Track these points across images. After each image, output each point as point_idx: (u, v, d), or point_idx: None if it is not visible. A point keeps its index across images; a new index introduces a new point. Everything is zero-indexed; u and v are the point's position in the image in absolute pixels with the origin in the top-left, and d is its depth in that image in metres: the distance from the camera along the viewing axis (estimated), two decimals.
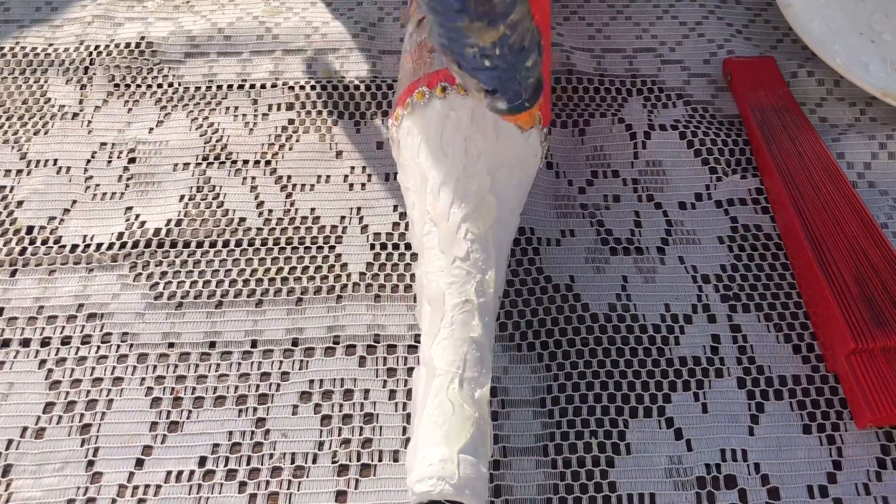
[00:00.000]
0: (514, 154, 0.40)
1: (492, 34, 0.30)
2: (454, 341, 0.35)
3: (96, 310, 0.44)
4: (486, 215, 0.38)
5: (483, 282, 0.36)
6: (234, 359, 0.42)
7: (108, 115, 0.52)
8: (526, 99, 0.34)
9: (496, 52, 0.31)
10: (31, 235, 0.47)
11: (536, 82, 0.34)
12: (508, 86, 0.33)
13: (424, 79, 0.41)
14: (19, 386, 0.42)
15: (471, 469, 0.32)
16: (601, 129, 0.51)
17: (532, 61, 0.33)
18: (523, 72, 0.33)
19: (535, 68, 0.33)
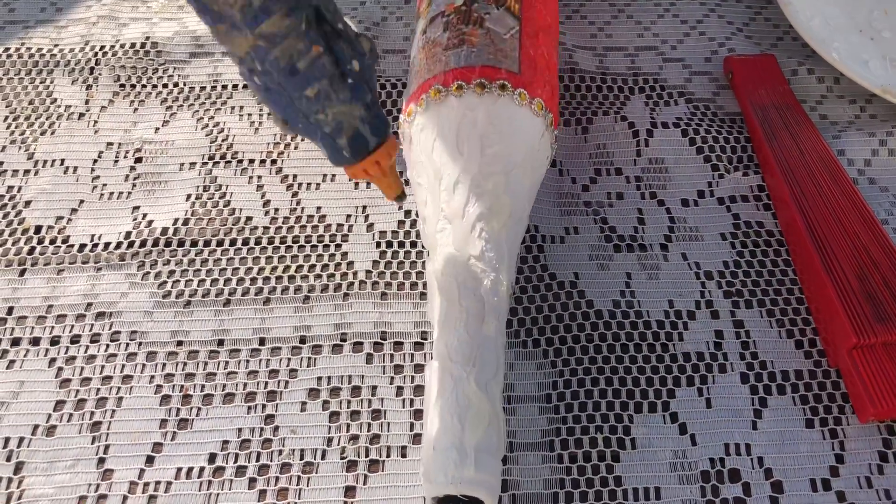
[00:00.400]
0: (527, 155, 0.40)
1: (241, 42, 0.27)
2: (470, 339, 0.35)
3: (105, 308, 0.44)
4: (501, 215, 0.38)
5: (497, 280, 0.37)
6: (243, 356, 0.43)
7: (114, 115, 0.53)
8: (342, 147, 0.30)
9: (258, 66, 0.28)
10: (40, 235, 0.47)
11: (357, 128, 0.30)
12: (291, 115, 0.29)
13: (441, 76, 0.41)
14: (30, 384, 0.42)
15: (486, 464, 0.33)
16: (604, 127, 0.52)
17: (314, 91, 0.28)
18: (304, 101, 0.29)
19: (326, 103, 0.29)
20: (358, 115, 0.30)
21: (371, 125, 0.31)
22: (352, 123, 0.30)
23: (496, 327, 0.36)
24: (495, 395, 0.34)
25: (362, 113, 0.30)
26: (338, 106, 0.29)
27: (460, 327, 0.35)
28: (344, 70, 0.29)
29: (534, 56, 0.42)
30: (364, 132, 0.31)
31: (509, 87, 0.40)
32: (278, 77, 0.28)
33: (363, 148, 0.31)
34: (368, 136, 0.31)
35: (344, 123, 0.30)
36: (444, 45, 0.42)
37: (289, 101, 0.29)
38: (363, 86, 0.30)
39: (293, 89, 0.29)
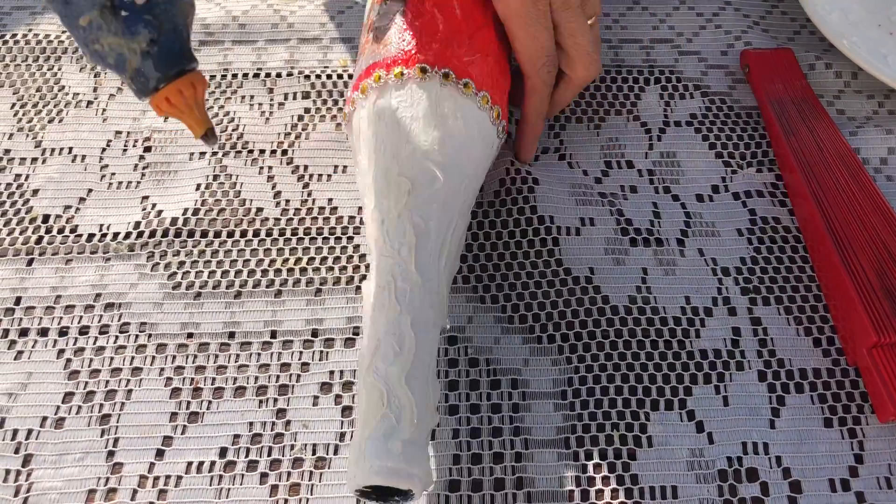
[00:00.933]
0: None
1: None
2: (373, 326, 0.35)
3: (114, 299, 0.44)
4: (399, 196, 0.38)
5: (400, 263, 0.36)
6: (254, 349, 0.42)
7: (123, 103, 0.52)
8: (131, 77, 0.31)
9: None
10: (47, 224, 0.46)
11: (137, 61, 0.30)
12: (81, 47, 0.30)
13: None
14: (38, 375, 0.41)
15: (378, 451, 0.32)
16: (616, 122, 0.51)
17: (87, 20, 0.29)
18: (79, 31, 0.29)
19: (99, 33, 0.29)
20: (138, 49, 0.30)
21: (154, 60, 0.31)
22: (133, 58, 0.30)
23: (402, 308, 0.35)
24: (392, 375, 0.34)
25: (143, 48, 0.30)
26: (111, 37, 0.30)
27: (366, 317, 0.36)
28: (116, 3, 0.29)
29: (420, 26, 0.42)
30: (145, 68, 0.31)
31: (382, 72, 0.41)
32: (56, 4, 0.29)
33: (150, 82, 0.31)
34: (150, 72, 0.31)
35: (125, 57, 0.30)
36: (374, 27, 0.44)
37: (68, 25, 0.30)
38: (141, 20, 0.30)
39: (69, 16, 0.29)
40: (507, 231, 0.46)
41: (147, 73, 0.31)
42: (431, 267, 0.37)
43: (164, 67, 0.31)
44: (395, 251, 0.37)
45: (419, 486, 0.33)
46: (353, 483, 0.33)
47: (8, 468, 0.39)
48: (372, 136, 0.40)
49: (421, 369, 0.35)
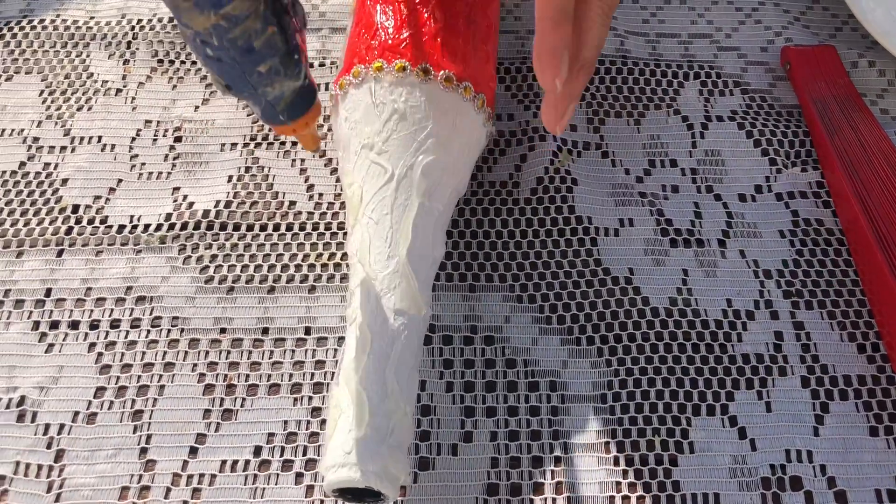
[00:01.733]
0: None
1: (202, 20, 0.28)
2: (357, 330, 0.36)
3: (145, 293, 0.43)
4: (353, 204, 0.39)
5: (362, 263, 0.37)
6: (288, 346, 0.41)
7: (153, 91, 0.51)
8: (280, 111, 0.33)
9: (214, 41, 0.29)
10: (77, 214, 0.46)
11: (294, 97, 0.32)
12: (240, 85, 0.31)
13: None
14: (69, 369, 0.41)
15: (333, 452, 0.32)
16: (657, 118, 0.50)
17: (267, 67, 0.30)
18: (255, 76, 0.30)
19: (275, 78, 0.31)
20: (298, 85, 0.32)
21: (306, 94, 0.33)
22: (291, 93, 0.32)
23: (362, 311, 0.35)
24: (345, 377, 0.34)
25: (301, 83, 0.33)
26: (284, 81, 0.31)
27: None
28: (290, 46, 0.31)
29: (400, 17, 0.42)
30: (299, 100, 0.33)
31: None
32: (234, 53, 0.29)
33: (298, 112, 0.34)
34: (303, 104, 0.34)
35: (286, 93, 0.32)
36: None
37: (240, 73, 0.30)
38: (302, 58, 0.32)
39: (247, 65, 0.30)
40: (543, 230, 0.45)
41: (301, 104, 0.33)
42: (381, 260, 0.37)
43: (310, 101, 0.34)
44: (352, 251, 0.38)
45: (378, 483, 0.32)
46: (325, 487, 0.33)
47: (41, 463, 0.38)
48: (345, 133, 0.41)
49: (376, 363, 0.34)
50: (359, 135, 0.40)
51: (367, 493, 0.33)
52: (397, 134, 0.39)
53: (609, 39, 0.53)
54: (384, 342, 0.35)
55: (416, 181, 0.38)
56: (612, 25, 0.54)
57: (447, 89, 0.40)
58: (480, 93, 0.42)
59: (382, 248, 0.37)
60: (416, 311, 0.36)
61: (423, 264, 0.38)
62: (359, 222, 0.38)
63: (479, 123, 0.42)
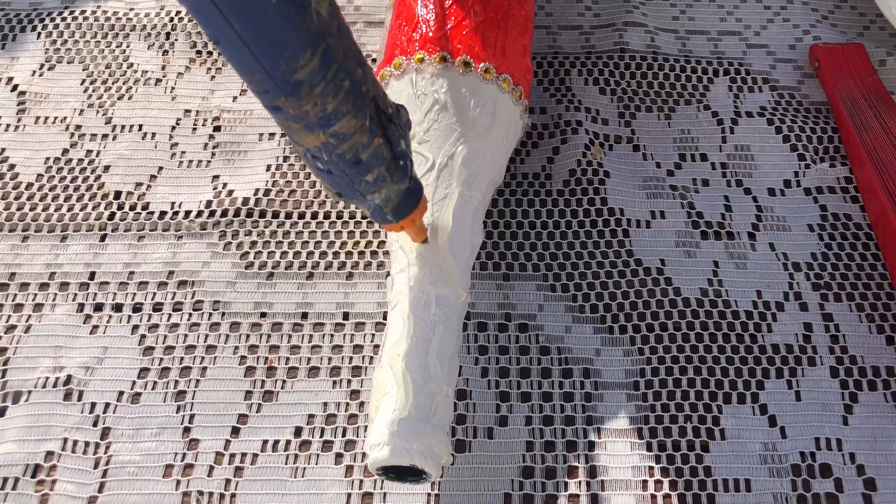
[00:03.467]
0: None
1: (312, 138, 0.28)
2: (394, 314, 0.37)
3: (187, 277, 0.44)
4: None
5: (404, 249, 0.38)
6: (327, 330, 0.42)
7: (191, 81, 0.52)
8: (388, 212, 0.34)
9: (324, 156, 0.30)
10: (119, 200, 0.47)
11: (401, 198, 0.33)
12: (349, 193, 0.32)
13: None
14: (113, 350, 0.42)
15: (377, 431, 0.33)
16: (687, 113, 0.51)
17: (374, 176, 0.31)
18: (363, 185, 0.31)
19: (382, 185, 0.32)
20: (404, 188, 0.33)
21: (412, 194, 0.34)
22: (398, 195, 0.33)
23: (405, 300, 0.37)
24: (389, 361, 0.35)
25: (407, 186, 0.33)
26: (391, 185, 0.32)
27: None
28: (396, 153, 0.31)
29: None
30: (406, 200, 0.34)
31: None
32: (342, 166, 0.30)
33: (405, 212, 0.34)
34: (410, 203, 0.34)
35: (392, 196, 0.33)
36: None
37: (349, 183, 0.31)
38: (408, 162, 0.33)
39: (355, 176, 0.31)
40: (576, 221, 0.46)
41: (403, 206, 0.34)
42: (429, 245, 0.38)
43: (418, 198, 0.34)
44: (392, 238, 0.39)
45: (422, 461, 0.33)
46: (369, 465, 0.34)
47: (87, 440, 0.39)
48: None
49: (419, 346, 0.35)
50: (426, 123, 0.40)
51: (409, 472, 0.34)
52: (438, 124, 0.40)
53: (640, 35, 0.54)
54: (426, 326, 0.36)
55: (456, 170, 0.39)
56: (643, 22, 0.54)
57: (487, 81, 0.41)
58: (518, 85, 0.42)
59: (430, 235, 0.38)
60: (457, 296, 0.37)
61: (463, 251, 0.39)
62: None
63: (517, 115, 0.43)
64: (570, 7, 0.56)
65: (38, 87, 0.52)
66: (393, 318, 0.37)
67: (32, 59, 0.53)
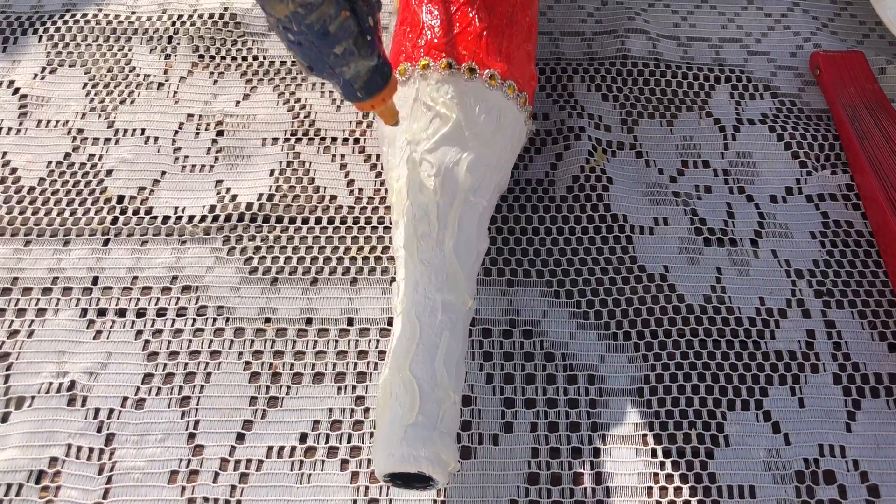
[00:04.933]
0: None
1: (281, 7, 0.30)
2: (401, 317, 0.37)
3: (191, 282, 0.44)
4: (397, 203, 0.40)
5: (410, 254, 0.38)
6: (332, 336, 0.42)
7: (194, 86, 0.52)
8: (357, 89, 0.35)
9: (293, 27, 0.31)
10: (122, 205, 0.47)
11: (370, 74, 0.35)
12: (320, 66, 0.33)
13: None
14: (117, 356, 0.42)
15: (384, 439, 0.34)
16: (690, 119, 0.51)
17: (342, 48, 0.33)
18: (332, 57, 0.33)
19: (350, 58, 0.33)
20: (372, 64, 0.34)
21: (381, 72, 0.35)
22: (367, 71, 0.34)
23: (405, 300, 0.37)
24: (398, 366, 0.35)
25: (376, 62, 0.34)
26: (359, 60, 0.33)
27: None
28: (363, 28, 0.33)
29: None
30: (376, 77, 0.35)
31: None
32: (311, 37, 0.32)
33: (375, 89, 0.35)
34: (379, 81, 0.35)
35: (361, 71, 0.34)
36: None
37: (318, 55, 0.33)
38: (375, 39, 0.34)
39: (323, 48, 0.32)
40: (580, 227, 0.46)
41: (378, 81, 0.35)
42: (436, 252, 0.38)
43: (387, 76, 0.35)
44: (399, 244, 0.39)
45: (429, 468, 0.33)
46: (377, 472, 0.34)
47: (91, 446, 0.39)
48: (391, 129, 0.41)
49: (425, 352, 0.35)
50: (405, 131, 0.41)
51: (416, 479, 0.34)
52: (443, 131, 0.40)
53: (642, 42, 0.54)
54: (433, 332, 0.36)
55: (462, 177, 0.39)
56: (645, 29, 0.55)
57: (492, 87, 0.41)
58: (523, 91, 0.43)
59: (430, 242, 0.38)
60: (463, 302, 0.37)
61: (469, 257, 0.39)
62: (405, 215, 0.39)
63: (521, 121, 0.43)
64: (573, 13, 0.56)
65: (39, 91, 0.51)
66: (399, 323, 0.37)
67: (34, 61, 0.53)
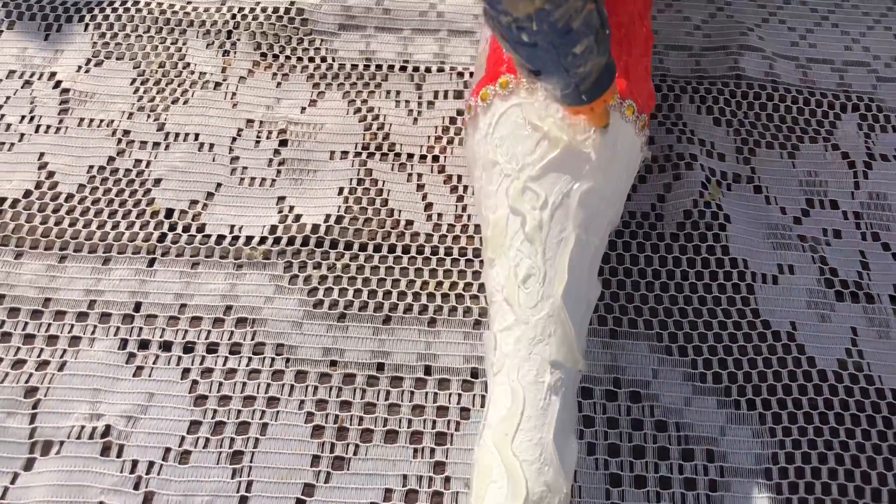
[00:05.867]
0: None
1: (525, 5, 0.27)
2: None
3: (247, 314, 0.38)
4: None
5: (510, 302, 0.33)
6: (406, 386, 0.37)
7: (255, 87, 0.46)
8: (583, 91, 0.31)
9: (533, 26, 0.27)
10: (171, 220, 0.41)
11: (599, 74, 0.31)
12: (551, 69, 0.29)
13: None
14: (160, 398, 0.36)
15: None
16: (813, 152, 0.45)
17: (583, 47, 0.28)
18: (570, 57, 0.29)
19: (589, 57, 0.29)
20: (604, 62, 0.30)
21: (609, 70, 0.31)
22: (598, 70, 0.30)
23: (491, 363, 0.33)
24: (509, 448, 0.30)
25: (608, 59, 0.30)
26: (596, 58, 0.30)
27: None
28: (603, 20, 0.29)
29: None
30: (604, 77, 0.31)
31: None
32: (552, 36, 0.28)
33: (599, 91, 0.31)
34: (606, 80, 0.31)
35: (592, 71, 0.30)
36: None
37: (554, 56, 0.29)
38: (607, 38, 0.30)
39: (563, 47, 0.28)
40: (693, 271, 0.40)
41: (599, 85, 0.31)
42: (542, 300, 0.33)
43: (611, 77, 0.32)
44: (495, 287, 0.34)
45: None
46: None
47: None
48: (486, 151, 0.36)
49: (532, 426, 0.30)
50: (506, 154, 0.35)
51: None
52: (552, 155, 0.34)
53: (756, 62, 0.48)
54: (539, 400, 0.31)
55: (573, 211, 0.34)
56: (759, 47, 0.48)
57: (610, 107, 0.35)
58: (642, 113, 0.37)
59: (535, 287, 0.32)
60: (573, 363, 0.32)
61: (579, 308, 0.33)
62: (505, 254, 0.33)
63: (638, 147, 0.37)
64: (678, 26, 0.50)
65: (83, 86, 0.46)
66: (497, 386, 0.31)
67: (79, 52, 0.47)
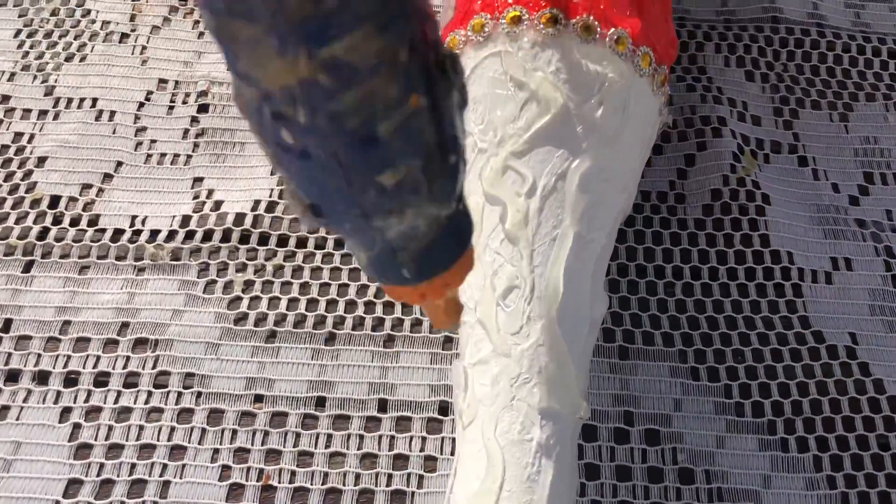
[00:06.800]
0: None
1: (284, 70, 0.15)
2: None
3: (148, 333, 0.31)
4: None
5: (486, 326, 0.26)
6: (354, 428, 0.29)
7: (171, 39, 0.39)
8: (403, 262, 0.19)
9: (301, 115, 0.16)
10: (56, 211, 0.34)
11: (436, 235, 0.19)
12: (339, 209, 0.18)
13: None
14: (30, 448, 0.29)
15: None
16: (871, 113, 0.37)
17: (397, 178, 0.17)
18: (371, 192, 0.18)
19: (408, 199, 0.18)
20: (445, 214, 0.18)
21: (453, 230, 0.19)
22: (431, 228, 0.18)
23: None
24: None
25: (452, 210, 0.19)
26: (425, 204, 0.18)
27: None
28: (444, 136, 0.17)
29: None
30: (444, 242, 0.19)
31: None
32: (337, 144, 0.16)
33: (435, 267, 0.20)
34: (447, 250, 0.20)
35: (419, 228, 0.18)
36: None
37: (344, 184, 0.17)
38: (461, 163, 0.18)
39: (360, 168, 0.16)
40: (724, 268, 0.33)
41: (436, 254, 0.19)
42: (529, 324, 0.25)
43: (460, 245, 0.20)
44: (466, 304, 0.26)
45: None
46: None
47: None
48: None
49: (515, 500, 0.23)
50: (480, 121, 0.28)
51: None
52: (542, 124, 0.27)
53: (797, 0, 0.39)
54: (525, 467, 0.24)
55: (571, 198, 0.27)
56: None
57: (619, 56, 0.27)
58: (661, 64, 0.28)
59: (520, 305, 0.25)
60: (573, 409, 0.25)
61: (579, 332, 0.26)
62: (479, 259, 0.25)
63: (656, 111, 0.29)
64: None
65: None
66: (467, 445, 0.24)
67: None
